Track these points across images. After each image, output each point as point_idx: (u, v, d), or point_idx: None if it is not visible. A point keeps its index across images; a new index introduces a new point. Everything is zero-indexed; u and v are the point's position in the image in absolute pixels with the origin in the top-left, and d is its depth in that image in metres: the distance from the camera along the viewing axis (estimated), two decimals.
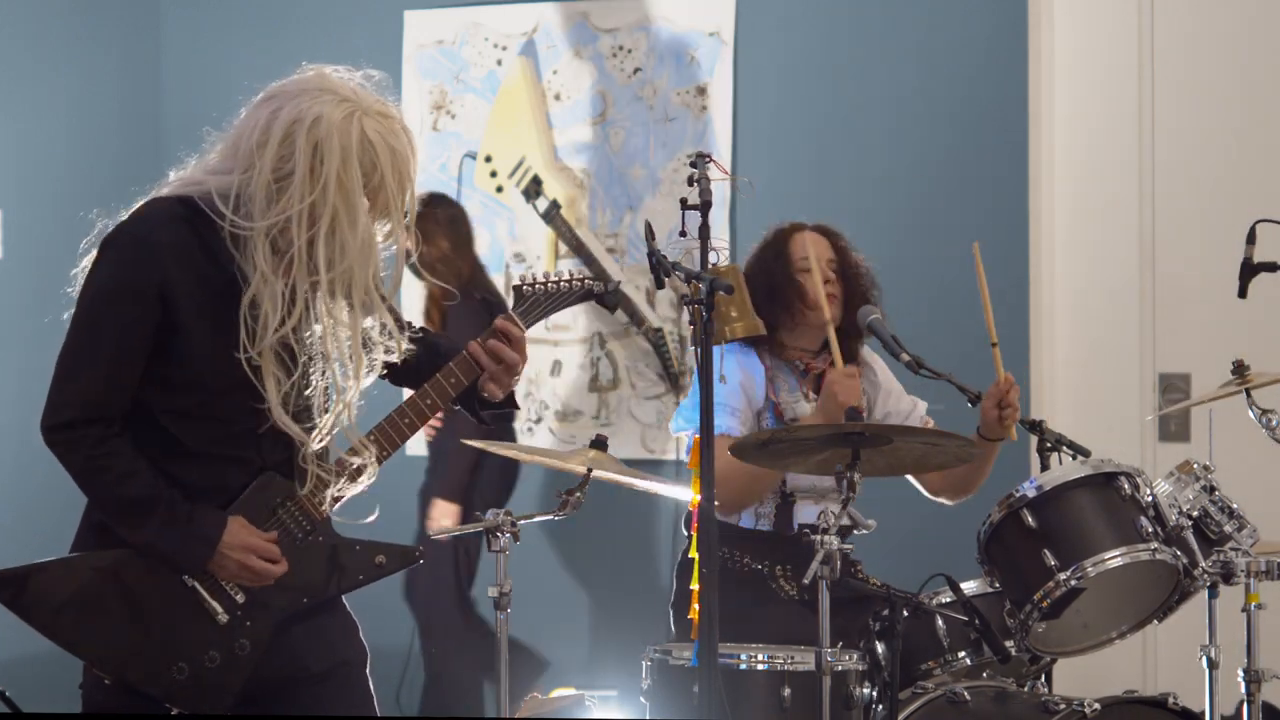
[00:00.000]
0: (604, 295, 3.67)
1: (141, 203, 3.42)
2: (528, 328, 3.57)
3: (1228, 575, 4.05)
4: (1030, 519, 4.04)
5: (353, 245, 3.31)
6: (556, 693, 5.45)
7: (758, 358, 4.61)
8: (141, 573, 3.37)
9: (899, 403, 4.76)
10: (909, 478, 4.69)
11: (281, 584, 3.42)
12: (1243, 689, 4.08)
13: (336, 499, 3.46)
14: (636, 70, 6.24)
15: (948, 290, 5.83)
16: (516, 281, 3.64)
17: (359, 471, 3.45)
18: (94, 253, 3.40)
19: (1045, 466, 4.35)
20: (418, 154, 3.41)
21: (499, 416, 3.69)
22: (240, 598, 3.41)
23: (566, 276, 3.64)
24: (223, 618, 3.40)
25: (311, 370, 3.36)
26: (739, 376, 4.54)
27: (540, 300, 3.62)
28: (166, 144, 6.51)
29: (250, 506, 3.41)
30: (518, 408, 3.69)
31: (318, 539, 3.46)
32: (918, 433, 4.23)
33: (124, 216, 3.41)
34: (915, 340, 4.65)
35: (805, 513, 4.54)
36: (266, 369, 3.33)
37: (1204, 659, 4.08)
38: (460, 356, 3.52)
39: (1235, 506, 4.11)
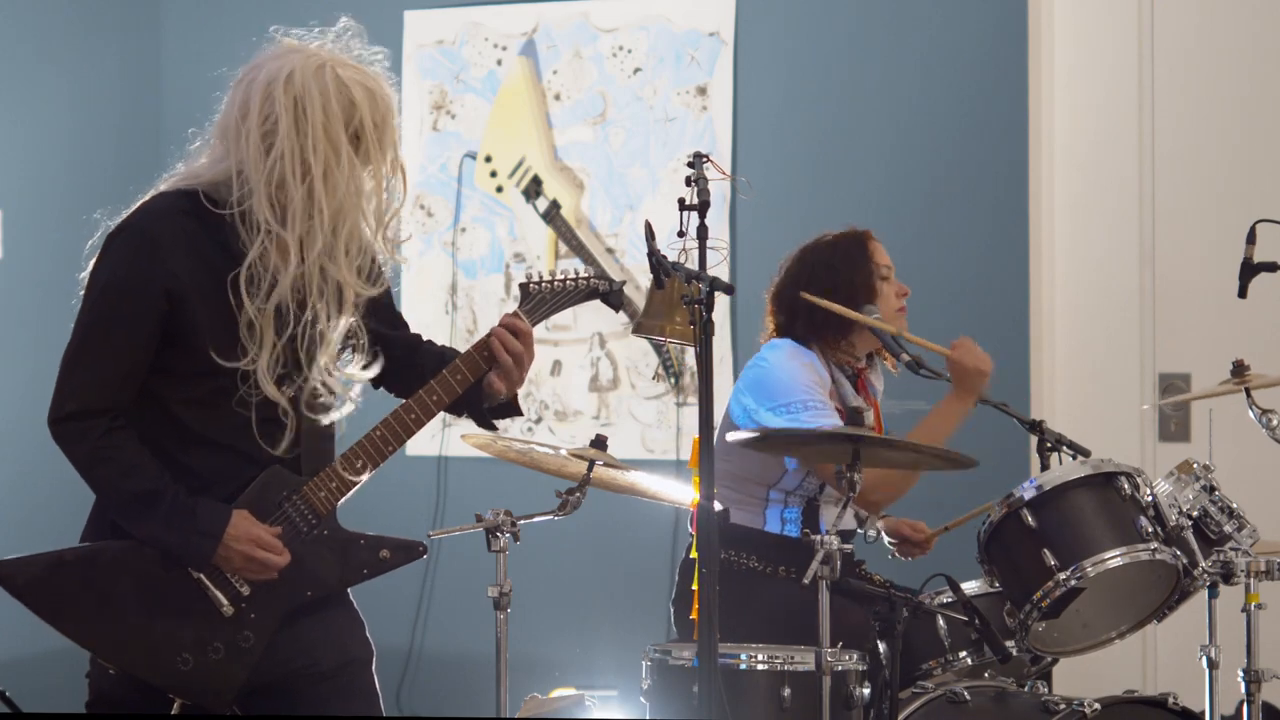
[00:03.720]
0: (609, 294, 3.68)
1: (145, 197, 3.45)
2: (534, 325, 3.59)
3: (1228, 575, 4.04)
4: (1030, 519, 4.04)
5: (342, 187, 3.37)
6: (556, 693, 5.45)
7: (818, 359, 4.59)
8: (147, 563, 3.40)
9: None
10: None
11: (285, 577, 3.43)
12: (1243, 689, 4.08)
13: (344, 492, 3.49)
14: (636, 70, 6.24)
15: (948, 290, 5.83)
16: (523, 279, 3.66)
17: (360, 473, 3.48)
18: (99, 248, 3.43)
19: (1045, 466, 4.35)
20: (394, 101, 3.47)
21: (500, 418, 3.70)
22: (245, 590, 3.43)
23: (573, 275, 3.66)
24: (227, 609, 3.42)
25: (303, 319, 3.40)
26: (809, 375, 4.50)
27: (546, 298, 3.64)
28: (166, 144, 6.47)
29: (256, 500, 3.43)
30: (522, 413, 3.71)
31: (322, 533, 3.48)
32: (920, 447, 4.22)
33: (126, 212, 3.45)
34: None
35: (830, 516, 4.53)
36: (266, 326, 3.36)
37: (1204, 659, 4.08)
38: (466, 354, 3.55)
39: (1235, 506, 4.11)
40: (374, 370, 3.55)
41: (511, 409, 3.64)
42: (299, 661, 3.47)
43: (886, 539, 4.71)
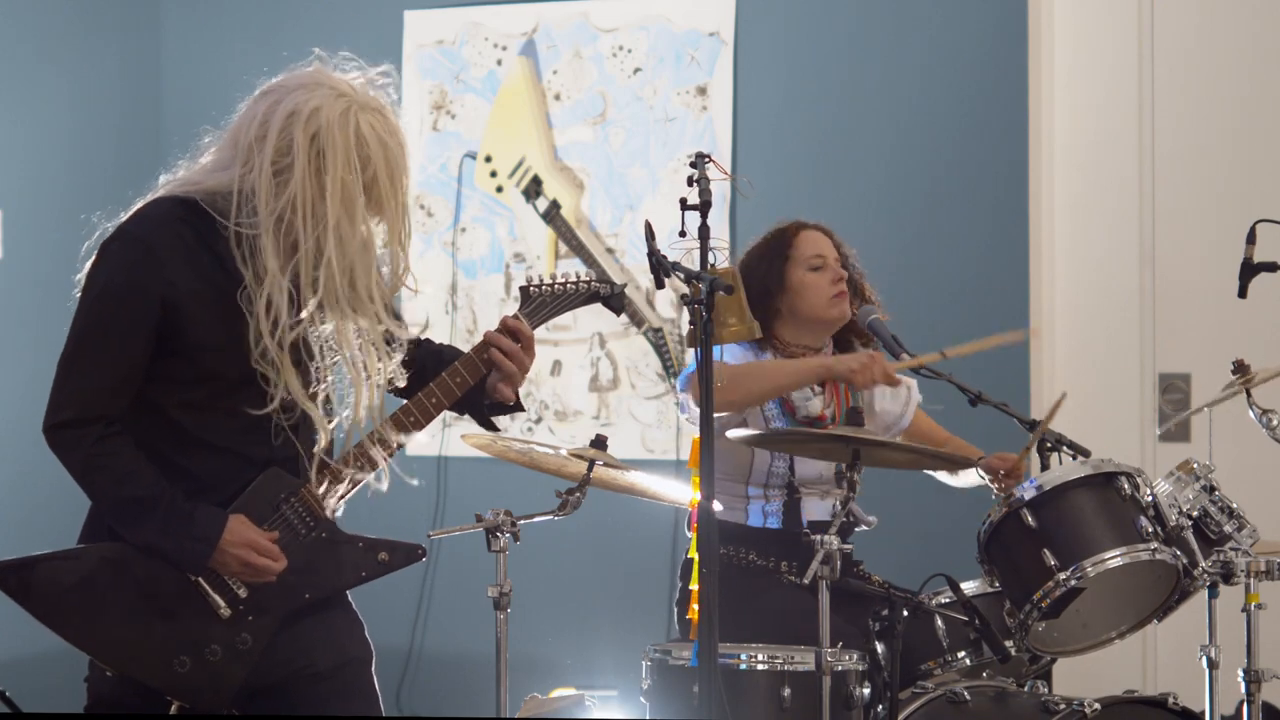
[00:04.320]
0: (610, 298, 3.67)
1: (141, 203, 3.44)
2: (534, 327, 3.58)
3: (1228, 575, 4.04)
4: (1030, 519, 4.04)
5: (354, 242, 3.34)
6: (556, 693, 5.45)
7: (767, 356, 4.61)
8: (144, 565, 3.39)
9: (892, 401, 4.76)
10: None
11: (284, 579, 3.43)
12: (1243, 689, 4.08)
13: (344, 495, 3.48)
14: (636, 70, 6.24)
15: (948, 290, 5.83)
16: (523, 282, 3.65)
17: (369, 465, 3.47)
18: (95, 253, 3.42)
19: (1045, 466, 4.35)
20: (409, 153, 3.44)
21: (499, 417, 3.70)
22: (243, 592, 3.42)
23: (574, 278, 3.65)
24: (225, 612, 3.41)
25: (325, 368, 3.39)
26: (732, 355, 4.56)
27: (547, 301, 3.63)
28: (166, 144, 6.48)
29: (254, 501, 3.43)
30: (523, 409, 3.70)
31: (321, 535, 3.48)
32: (915, 450, 4.23)
33: (123, 217, 3.43)
34: (915, 340, 4.65)
35: (812, 507, 4.54)
36: (284, 364, 3.35)
37: (1204, 659, 4.08)
38: (466, 357, 3.55)
39: (1235, 506, 4.11)
40: (403, 380, 3.54)
41: (512, 406, 3.63)
42: (298, 662, 3.47)
43: (988, 478, 4.59)
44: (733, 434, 4.30)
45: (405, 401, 3.54)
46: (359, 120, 3.35)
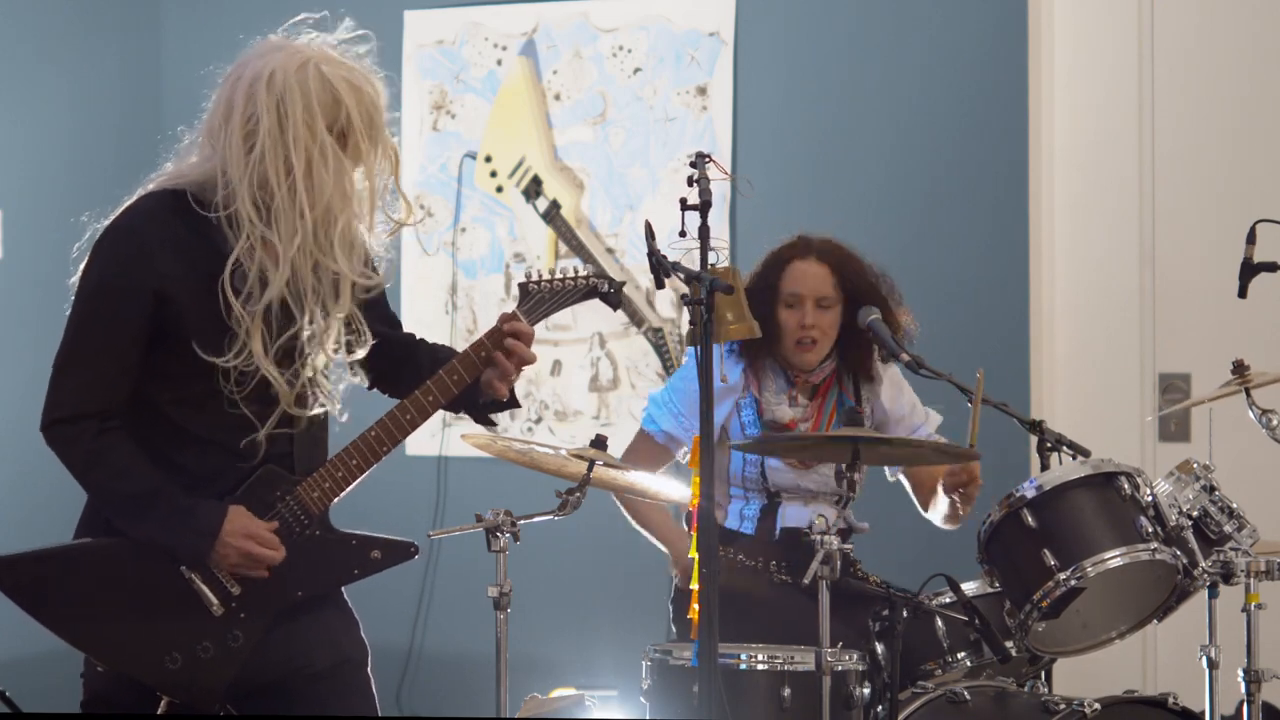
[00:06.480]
0: (609, 294, 3.67)
1: (133, 198, 3.45)
2: (533, 324, 3.58)
3: (1228, 575, 4.04)
4: (1030, 519, 4.04)
5: (329, 184, 3.34)
6: (556, 693, 5.44)
7: (734, 358, 4.58)
8: (137, 561, 3.39)
9: (911, 413, 4.73)
10: (908, 488, 4.71)
11: (276, 577, 3.43)
12: (1243, 689, 4.08)
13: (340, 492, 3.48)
14: (636, 70, 6.24)
15: (948, 290, 5.83)
16: (522, 279, 3.64)
17: (354, 473, 3.47)
18: (88, 251, 3.43)
19: (1045, 466, 4.35)
20: (384, 97, 3.44)
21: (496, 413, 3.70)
22: (235, 589, 3.42)
23: (572, 274, 3.64)
24: (218, 609, 3.41)
25: (301, 318, 3.38)
26: (681, 382, 4.60)
27: (545, 298, 3.62)
28: (166, 144, 6.50)
29: (249, 499, 3.43)
30: (519, 405, 3.70)
31: (315, 532, 3.47)
32: (917, 443, 4.25)
33: (115, 213, 3.44)
34: (915, 340, 4.65)
35: (791, 514, 4.54)
36: (254, 326, 3.34)
37: (1204, 659, 4.08)
38: (463, 354, 3.54)
39: (1235, 506, 4.11)
40: (363, 351, 3.52)
41: (509, 403, 3.63)
42: (296, 661, 3.47)
43: (952, 495, 4.58)
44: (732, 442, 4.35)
45: (401, 400, 3.54)
46: (319, 69, 3.38)
